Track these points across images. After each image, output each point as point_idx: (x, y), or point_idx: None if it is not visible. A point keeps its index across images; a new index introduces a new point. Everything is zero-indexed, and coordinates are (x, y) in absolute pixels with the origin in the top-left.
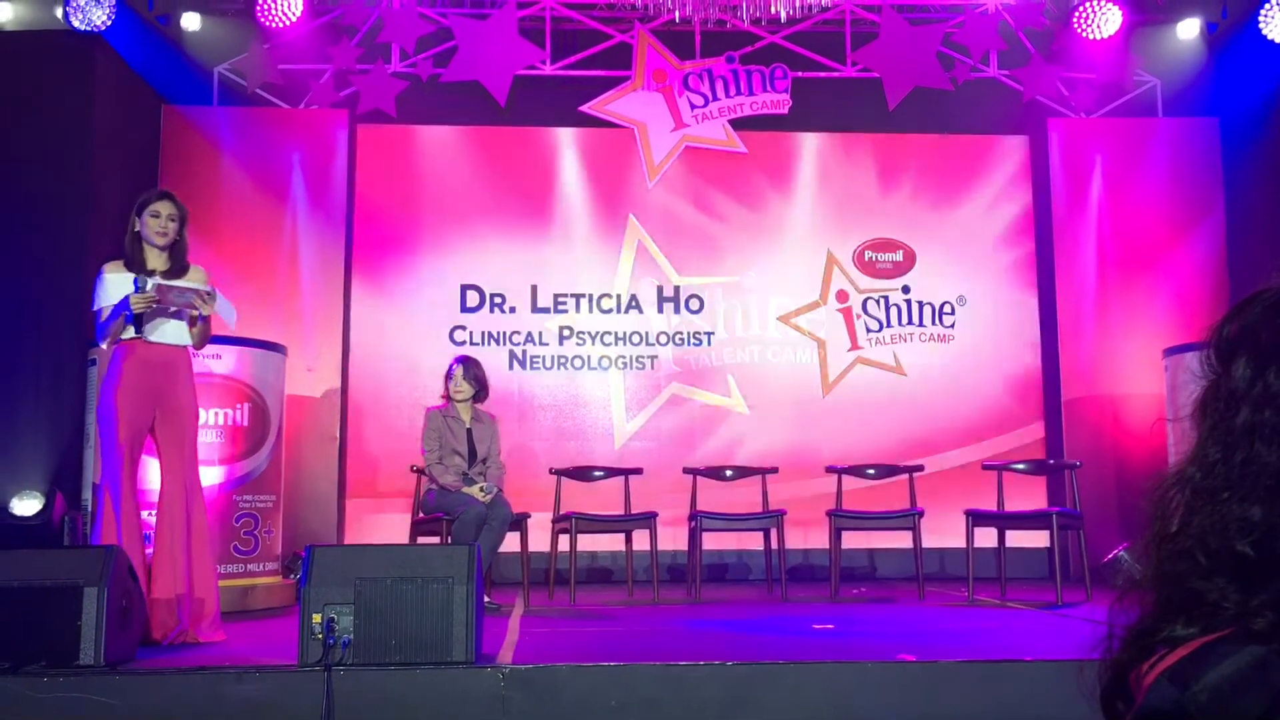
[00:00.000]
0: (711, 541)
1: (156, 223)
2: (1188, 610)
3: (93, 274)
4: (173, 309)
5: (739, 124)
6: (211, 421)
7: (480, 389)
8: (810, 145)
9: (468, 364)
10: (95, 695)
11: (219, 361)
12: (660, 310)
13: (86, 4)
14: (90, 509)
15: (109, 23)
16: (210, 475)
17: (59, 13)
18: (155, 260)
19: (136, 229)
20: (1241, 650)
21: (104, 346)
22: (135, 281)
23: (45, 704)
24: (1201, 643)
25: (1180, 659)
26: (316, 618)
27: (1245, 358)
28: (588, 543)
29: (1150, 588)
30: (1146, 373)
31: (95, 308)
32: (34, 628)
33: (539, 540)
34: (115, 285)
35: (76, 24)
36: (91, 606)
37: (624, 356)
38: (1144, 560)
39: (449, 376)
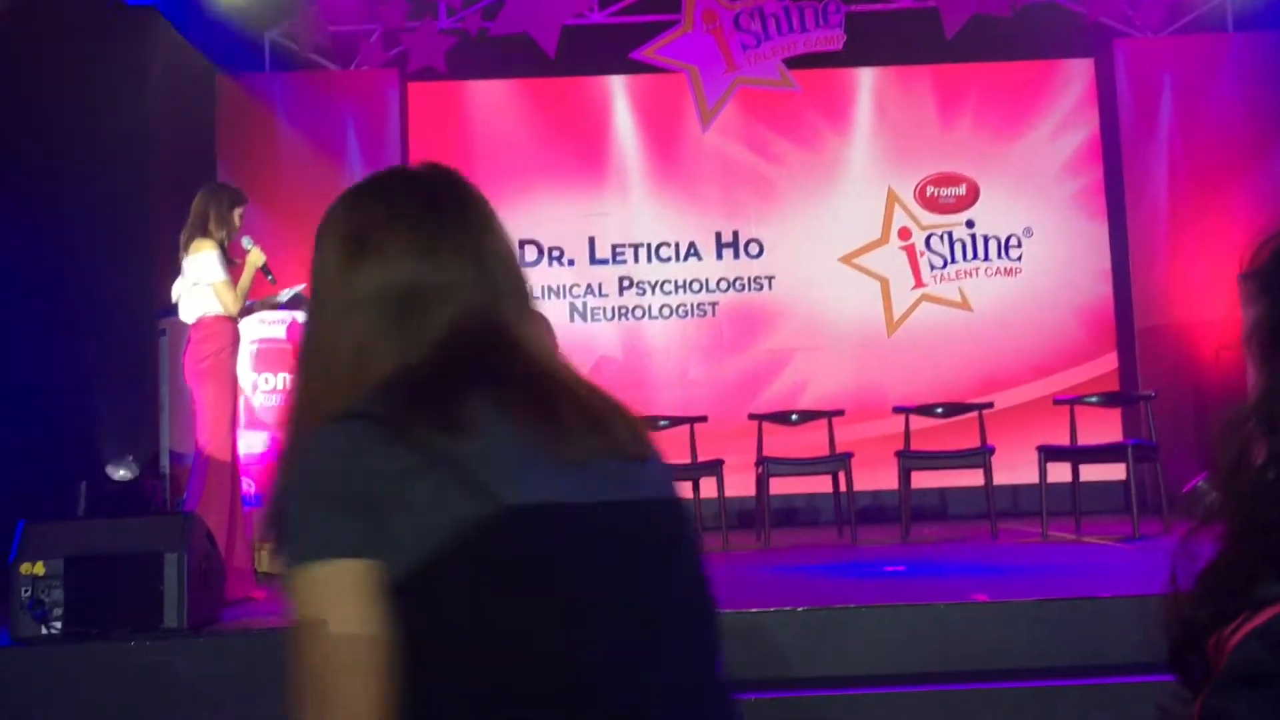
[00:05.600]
0: (779, 486)
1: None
2: (1275, 561)
3: (158, 245)
4: None
5: (792, 63)
6: (273, 386)
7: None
8: (866, 80)
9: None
10: (180, 656)
11: (279, 327)
12: (719, 256)
13: None
14: (169, 474)
15: None
16: (274, 440)
17: None
18: None
19: (230, 221)
20: None
21: (204, 318)
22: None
23: (132, 667)
24: None
25: (1271, 617)
26: None
27: None
28: None
29: (1234, 538)
30: (1223, 297)
31: (211, 281)
32: (119, 594)
33: None
34: (223, 263)
35: None
36: (173, 572)
37: (684, 305)
38: (1225, 508)
39: None
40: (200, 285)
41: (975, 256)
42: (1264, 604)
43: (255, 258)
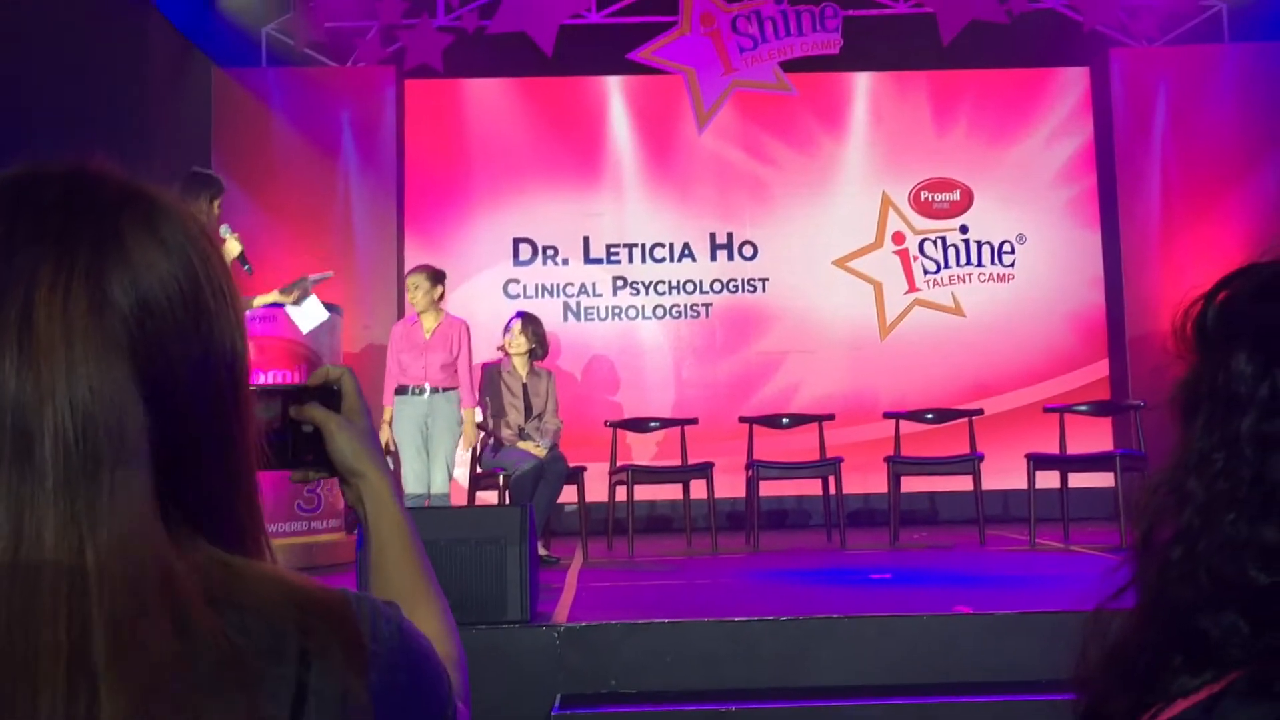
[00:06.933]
0: (770, 489)
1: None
2: (1187, 650)
3: None
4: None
5: (789, 66)
6: (270, 384)
7: (538, 345)
8: (863, 85)
9: (527, 319)
10: None
11: (275, 324)
12: (713, 258)
13: None
14: None
15: None
16: None
17: None
18: None
19: (204, 212)
20: (1256, 704)
21: None
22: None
23: None
24: (1208, 693)
25: (1182, 710)
26: None
27: (1246, 351)
28: (646, 492)
29: (1143, 619)
30: None
31: None
32: None
33: (597, 491)
34: None
35: None
36: None
37: (678, 305)
38: (1135, 583)
39: (507, 330)
40: None
41: (968, 262)
42: (1177, 696)
43: (230, 248)
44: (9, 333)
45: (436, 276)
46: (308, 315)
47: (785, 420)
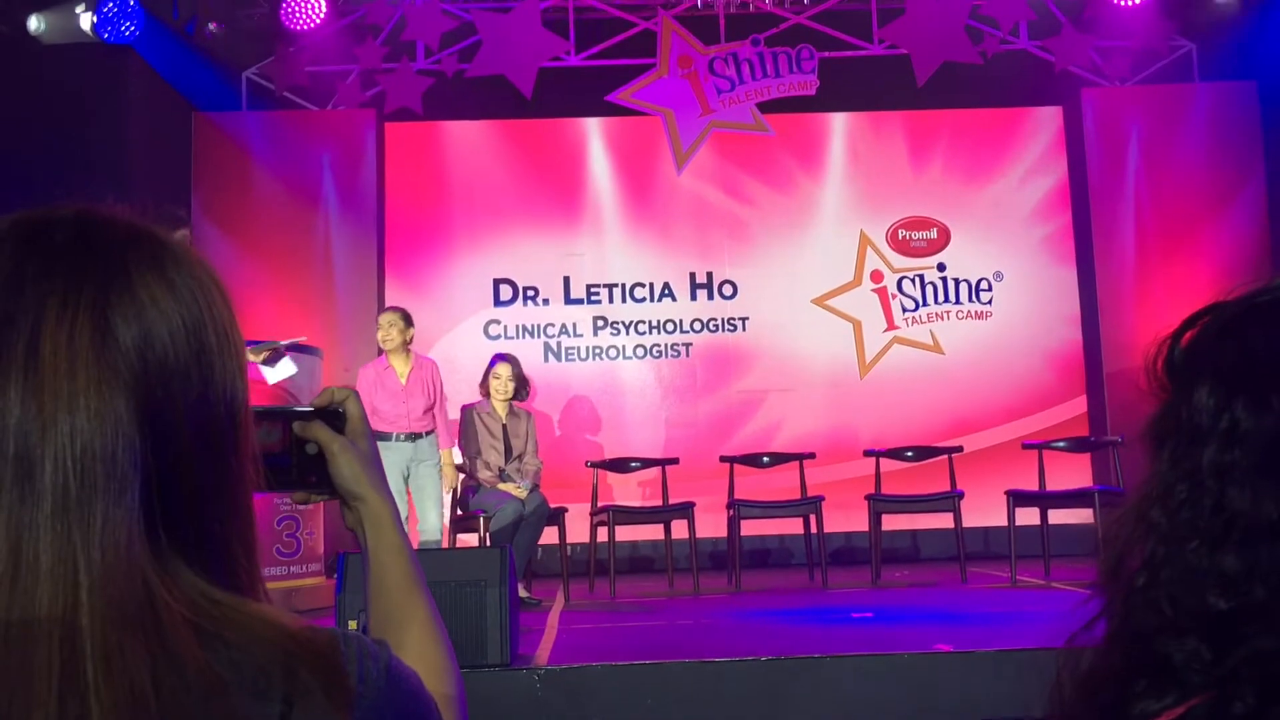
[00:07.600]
0: (751, 528)
1: None
2: (1151, 675)
3: None
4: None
5: (766, 107)
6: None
7: (522, 387)
8: (839, 125)
9: (513, 362)
10: None
11: (251, 368)
12: (693, 297)
13: (115, 15)
14: None
15: (137, 32)
16: None
17: (87, 24)
18: None
19: None
20: None
21: None
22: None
23: None
24: (1169, 717)
25: None
26: (353, 624)
27: (1208, 386)
28: (628, 533)
29: (1111, 646)
30: None
31: None
32: None
33: (579, 531)
34: None
35: (106, 35)
36: None
37: (658, 345)
38: (1105, 612)
39: (490, 374)
40: None
41: (946, 300)
42: (1141, 719)
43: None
44: (16, 363)
45: (409, 319)
46: (278, 371)
47: (766, 459)
